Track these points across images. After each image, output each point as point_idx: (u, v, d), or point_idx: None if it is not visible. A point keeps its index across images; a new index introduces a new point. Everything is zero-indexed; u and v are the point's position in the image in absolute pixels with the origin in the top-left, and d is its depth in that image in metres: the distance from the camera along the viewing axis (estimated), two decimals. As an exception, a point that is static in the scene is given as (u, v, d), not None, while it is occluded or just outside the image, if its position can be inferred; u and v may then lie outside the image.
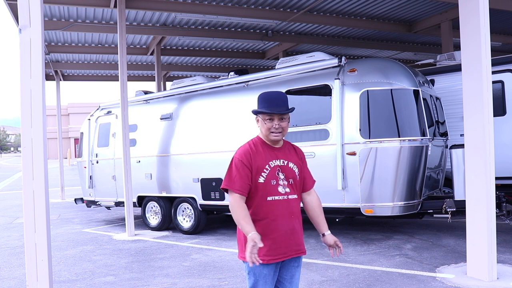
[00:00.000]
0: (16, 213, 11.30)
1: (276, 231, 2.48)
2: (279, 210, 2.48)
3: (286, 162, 2.55)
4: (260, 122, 2.55)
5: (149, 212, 8.35)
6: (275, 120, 2.48)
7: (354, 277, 4.79)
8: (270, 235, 2.46)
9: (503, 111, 6.98)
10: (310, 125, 6.25)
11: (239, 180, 2.43)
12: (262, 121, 2.53)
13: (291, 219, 2.52)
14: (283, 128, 2.51)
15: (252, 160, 2.46)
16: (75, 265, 5.85)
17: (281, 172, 2.52)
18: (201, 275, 5.13)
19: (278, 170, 2.51)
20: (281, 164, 2.53)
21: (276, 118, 2.49)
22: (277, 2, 9.52)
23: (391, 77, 5.91)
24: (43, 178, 3.15)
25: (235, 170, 2.45)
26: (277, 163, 2.52)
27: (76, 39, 12.17)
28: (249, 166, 2.45)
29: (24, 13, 3.13)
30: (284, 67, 6.89)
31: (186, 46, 13.43)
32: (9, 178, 25.50)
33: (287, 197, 2.51)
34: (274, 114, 2.48)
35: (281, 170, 2.52)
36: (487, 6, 4.54)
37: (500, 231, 6.16)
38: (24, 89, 3.13)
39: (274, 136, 2.50)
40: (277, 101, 2.51)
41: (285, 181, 2.52)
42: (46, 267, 3.14)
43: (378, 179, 5.74)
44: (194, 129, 7.60)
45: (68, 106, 52.76)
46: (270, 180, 2.48)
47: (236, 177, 2.44)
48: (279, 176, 2.50)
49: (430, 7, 10.38)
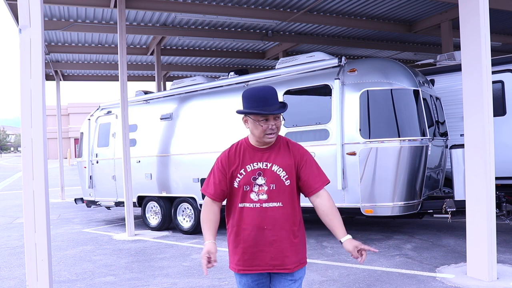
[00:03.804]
0: (16, 213, 11.29)
1: (244, 241, 2.26)
2: (250, 219, 2.24)
3: (270, 164, 2.26)
4: (252, 123, 2.24)
5: (149, 212, 8.35)
6: (270, 121, 2.21)
7: (354, 277, 4.79)
8: (240, 244, 2.29)
9: (503, 111, 6.98)
10: (310, 125, 6.25)
11: (212, 185, 2.31)
12: (254, 122, 2.23)
13: (264, 230, 2.23)
14: (278, 128, 2.26)
15: (229, 164, 2.29)
16: (75, 265, 5.84)
17: (262, 176, 2.25)
18: (201, 275, 5.12)
19: (258, 173, 2.26)
20: (263, 167, 2.26)
21: (271, 118, 2.22)
22: (277, 2, 9.52)
23: (391, 77, 5.91)
24: (43, 178, 3.15)
25: (211, 174, 2.35)
26: (258, 166, 2.27)
27: (76, 39, 12.17)
28: (223, 171, 2.29)
29: (24, 13, 3.13)
30: (284, 67, 6.89)
31: (186, 46, 13.43)
32: (9, 178, 25.50)
33: (261, 205, 2.23)
34: (270, 115, 2.20)
35: (262, 173, 2.26)
36: (487, 6, 4.54)
37: (500, 231, 6.16)
38: (24, 89, 3.13)
39: (270, 137, 2.24)
40: (270, 99, 2.21)
41: (264, 186, 2.24)
42: (46, 267, 3.14)
43: (378, 179, 5.74)
44: (194, 129, 7.60)
45: (68, 106, 52.76)
46: (243, 185, 2.26)
47: (210, 181, 2.33)
48: (255, 182, 2.25)
49: (430, 7, 10.38)
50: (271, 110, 2.19)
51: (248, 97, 2.24)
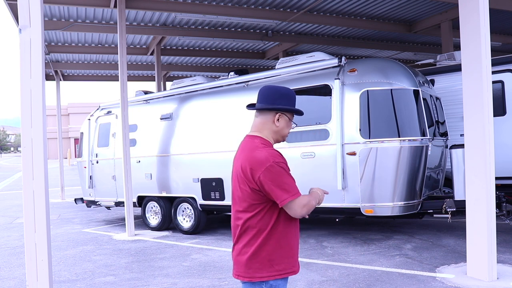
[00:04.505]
0: (16, 213, 11.29)
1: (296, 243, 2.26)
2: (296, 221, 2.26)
3: None
4: (285, 122, 2.22)
5: (149, 212, 8.35)
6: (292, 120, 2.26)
7: (354, 277, 4.79)
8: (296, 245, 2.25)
9: (503, 111, 6.98)
10: (310, 125, 6.24)
11: (295, 186, 2.11)
12: (288, 121, 2.23)
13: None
14: None
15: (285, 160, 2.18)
16: (75, 265, 5.84)
17: None
18: (201, 275, 5.13)
19: None
20: None
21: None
22: (277, 2, 9.52)
23: (391, 77, 5.91)
24: (43, 178, 3.15)
25: (288, 177, 2.07)
26: None
27: (76, 39, 12.17)
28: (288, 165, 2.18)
29: (24, 13, 3.13)
30: (284, 67, 6.89)
31: (186, 46, 13.43)
32: (9, 178, 25.50)
33: None
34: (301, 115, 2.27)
35: None
36: (487, 6, 4.54)
37: (500, 231, 6.16)
38: (24, 89, 3.13)
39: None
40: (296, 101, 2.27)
41: None
42: (46, 267, 3.14)
43: (378, 179, 5.74)
44: (194, 129, 7.60)
45: (68, 106, 52.76)
46: None
47: (291, 183, 2.07)
48: None
49: (430, 7, 10.38)
50: (301, 112, 2.25)
51: (288, 95, 2.22)
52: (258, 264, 2.10)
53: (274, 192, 2.03)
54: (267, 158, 2.04)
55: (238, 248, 2.18)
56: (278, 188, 2.02)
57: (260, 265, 2.10)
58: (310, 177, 6.08)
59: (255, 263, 2.11)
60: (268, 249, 2.10)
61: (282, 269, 2.12)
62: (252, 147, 2.14)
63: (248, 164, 2.09)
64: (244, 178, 2.11)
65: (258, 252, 2.10)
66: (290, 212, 2.07)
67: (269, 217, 2.10)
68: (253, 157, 2.08)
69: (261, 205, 2.10)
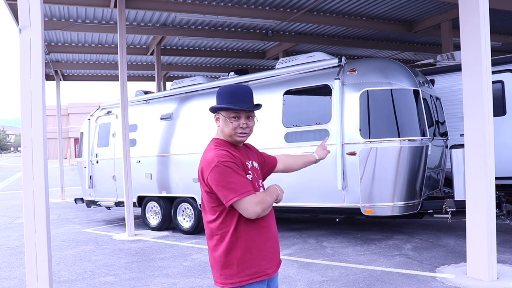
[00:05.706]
0: (16, 213, 11.29)
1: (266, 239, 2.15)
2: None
3: (251, 162, 2.20)
4: (222, 121, 2.13)
5: (149, 212, 8.35)
6: (242, 119, 2.11)
7: (354, 277, 4.79)
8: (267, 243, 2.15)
9: (503, 111, 6.98)
10: (310, 125, 6.25)
11: (245, 183, 2.02)
12: (225, 119, 2.11)
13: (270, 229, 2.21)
14: (250, 129, 2.15)
15: (235, 160, 2.06)
16: (75, 265, 5.84)
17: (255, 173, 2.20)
18: (201, 275, 5.13)
19: (253, 170, 2.18)
20: (251, 164, 2.18)
21: (243, 117, 2.11)
22: (277, 2, 9.53)
23: (391, 77, 5.91)
24: (43, 178, 3.15)
25: (234, 176, 2.00)
26: (250, 162, 2.19)
27: (76, 39, 12.17)
28: (240, 166, 2.06)
29: (24, 13, 3.12)
30: (284, 67, 6.89)
31: (186, 46, 13.43)
32: (9, 178, 25.50)
33: None
34: (241, 112, 2.10)
35: (253, 171, 2.18)
36: (487, 6, 4.54)
37: (500, 231, 6.16)
38: (24, 89, 3.13)
39: (240, 136, 2.12)
40: (244, 96, 2.12)
41: (262, 182, 2.23)
42: (46, 267, 3.14)
43: (378, 179, 5.74)
44: (194, 129, 7.59)
45: (68, 106, 52.78)
46: (254, 181, 2.14)
47: (238, 182, 2.00)
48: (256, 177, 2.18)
49: (430, 7, 10.38)
50: (244, 107, 2.10)
51: (221, 93, 2.15)
52: (227, 270, 2.05)
53: (220, 192, 1.99)
54: (212, 158, 2.02)
55: (209, 254, 2.14)
56: (223, 188, 1.98)
57: (230, 271, 2.04)
58: (309, 177, 6.08)
59: (225, 269, 2.05)
60: (236, 253, 2.04)
61: (254, 273, 2.05)
62: (206, 149, 2.16)
63: (200, 166, 2.10)
64: (201, 181, 2.10)
65: (226, 257, 2.05)
66: (242, 212, 2.00)
67: (230, 220, 2.04)
68: (203, 159, 2.10)
69: (220, 207, 2.05)
